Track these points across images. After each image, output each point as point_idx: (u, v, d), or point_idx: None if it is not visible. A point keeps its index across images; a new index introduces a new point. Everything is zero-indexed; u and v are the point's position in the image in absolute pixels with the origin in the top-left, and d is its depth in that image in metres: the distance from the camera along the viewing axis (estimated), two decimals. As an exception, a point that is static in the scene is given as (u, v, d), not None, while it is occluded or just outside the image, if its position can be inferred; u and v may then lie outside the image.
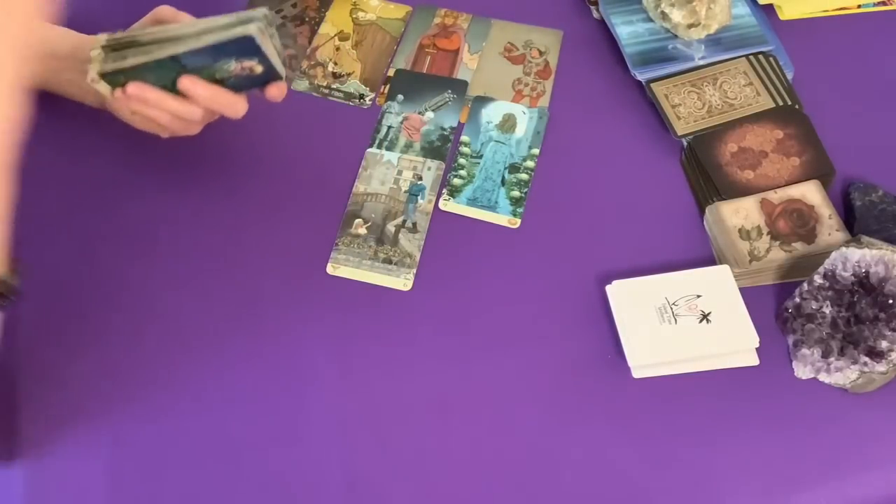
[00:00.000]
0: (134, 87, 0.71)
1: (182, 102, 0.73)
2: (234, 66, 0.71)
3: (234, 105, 0.74)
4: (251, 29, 0.68)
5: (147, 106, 0.73)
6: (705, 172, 0.84)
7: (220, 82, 0.73)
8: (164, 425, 0.72)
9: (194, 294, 0.78)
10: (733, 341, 0.74)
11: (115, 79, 0.71)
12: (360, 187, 0.85)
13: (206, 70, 0.71)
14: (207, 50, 0.69)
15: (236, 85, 0.73)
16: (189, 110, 0.73)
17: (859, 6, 0.99)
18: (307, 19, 0.98)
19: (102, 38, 0.72)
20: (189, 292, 0.78)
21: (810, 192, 0.81)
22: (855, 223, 0.81)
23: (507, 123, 0.89)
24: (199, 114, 0.74)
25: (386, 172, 0.86)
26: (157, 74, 0.71)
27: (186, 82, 0.71)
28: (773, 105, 0.88)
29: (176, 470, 0.70)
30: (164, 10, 0.77)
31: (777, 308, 0.78)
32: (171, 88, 0.72)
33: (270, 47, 0.71)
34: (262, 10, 0.71)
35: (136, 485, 0.69)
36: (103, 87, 0.71)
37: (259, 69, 0.72)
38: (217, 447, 0.71)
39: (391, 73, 0.93)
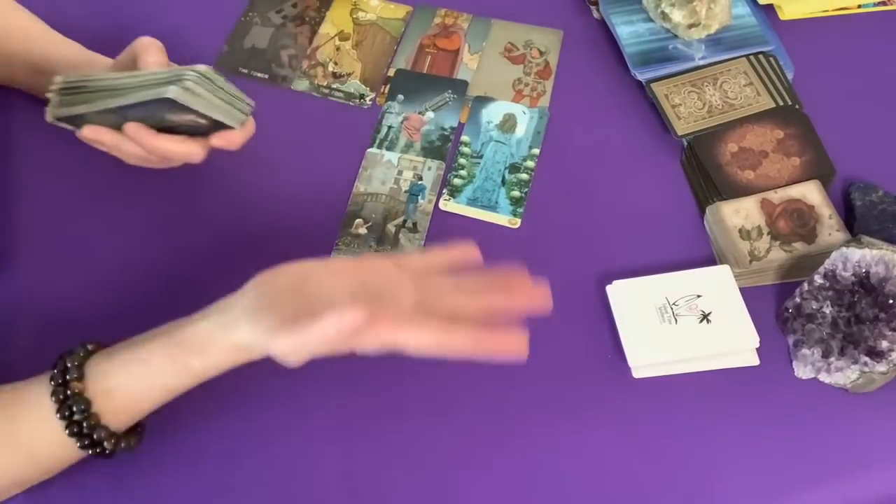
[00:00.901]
0: (88, 131, 0.71)
1: (132, 144, 0.72)
2: (175, 118, 0.70)
3: (185, 153, 0.73)
4: (170, 91, 0.66)
5: (106, 147, 0.73)
6: (706, 172, 0.84)
7: (173, 129, 0.71)
8: (162, 425, 0.72)
9: (194, 294, 0.78)
10: (733, 341, 0.74)
11: (74, 120, 0.70)
12: (360, 187, 0.85)
13: (149, 119, 0.70)
14: (137, 106, 0.68)
15: (190, 132, 0.72)
16: (138, 151, 0.73)
17: (859, 6, 0.99)
18: (307, 19, 0.98)
19: (59, 80, 0.71)
20: (189, 292, 0.78)
21: (810, 192, 0.81)
22: (855, 223, 0.81)
23: (508, 123, 0.89)
24: (155, 157, 0.73)
25: (386, 172, 0.86)
26: (108, 120, 0.70)
27: (130, 129, 0.70)
28: (773, 105, 0.88)
29: (175, 469, 0.70)
30: (143, 42, 0.75)
31: (777, 308, 0.78)
32: None
33: (208, 101, 0.69)
34: (200, 67, 0.69)
35: (136, 485, 0.70)
36: (66, 127, 0.70)
37: (202, 121, 0.70)
38: (216, 446, 0.71)
39: (391, 73, 0.93)
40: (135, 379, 0.63)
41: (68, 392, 0.62)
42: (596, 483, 0.70)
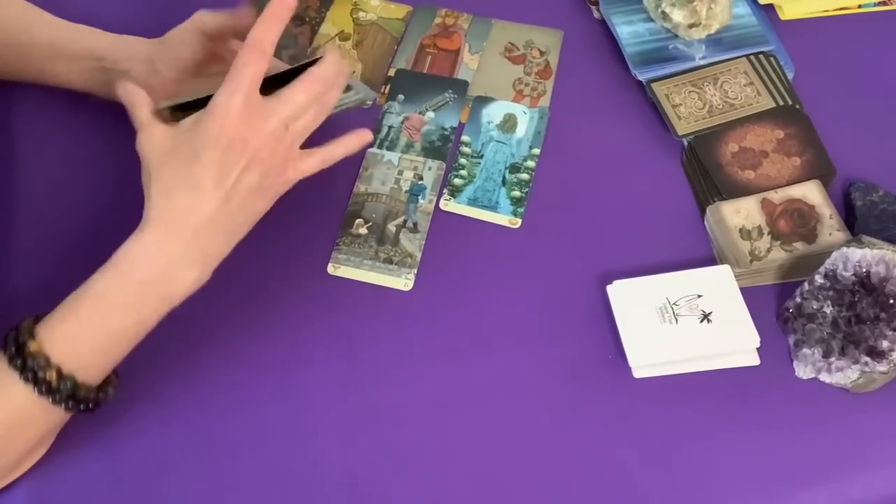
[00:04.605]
0: None
1: None
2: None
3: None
4: (370, 98, 0.73)
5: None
6: (706, 172, 0.84)
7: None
8: (164, 424, 0.72)
9: (194, 294, 0.78)
10: (734, 341, 0.74)
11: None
12: (360, 187, 0.85)
13: None
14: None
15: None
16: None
17: (859, 6, 0.99)
18: (308, 19, 0.98)
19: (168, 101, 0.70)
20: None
21: (811, 192, 0.81)
22: (856, 223, 0.81)
23: (508, 123, 0.89)
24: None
25: (387, 172, 0.86)
26: None
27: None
28: (773, 105, 0.88)
29: (177, 469, 0.70)
30: (204, 16, 0.77)
31: (778, 308, 0.78)
32: None
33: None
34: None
35: (136, 484, 0.69)
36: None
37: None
38: (217, 446, 0.71)
39: (392, 73, 0.93)
40: (83, 320, 0.65)
41: (25, 355, 0.62)
42: (596, 483, 0.70)
